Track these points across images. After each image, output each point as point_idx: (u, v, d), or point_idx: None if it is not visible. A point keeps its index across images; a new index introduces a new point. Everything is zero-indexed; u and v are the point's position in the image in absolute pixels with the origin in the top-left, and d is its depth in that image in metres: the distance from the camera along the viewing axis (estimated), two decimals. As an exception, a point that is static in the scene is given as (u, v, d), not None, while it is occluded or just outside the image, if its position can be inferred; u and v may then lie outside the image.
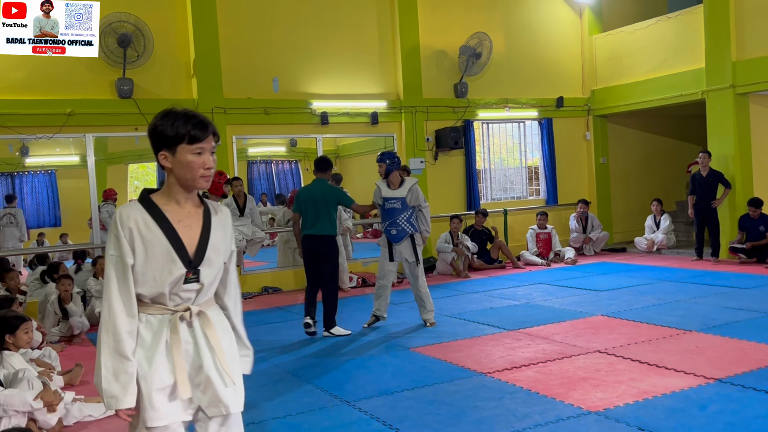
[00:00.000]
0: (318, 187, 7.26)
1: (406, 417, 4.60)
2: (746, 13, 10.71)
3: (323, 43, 11.25)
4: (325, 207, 7.13)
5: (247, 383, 5.72)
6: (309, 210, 7.15)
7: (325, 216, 7.13)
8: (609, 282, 9.71)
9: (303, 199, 7.25)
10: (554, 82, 13.37)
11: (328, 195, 7.20)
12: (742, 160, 11.07)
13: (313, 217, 7.12)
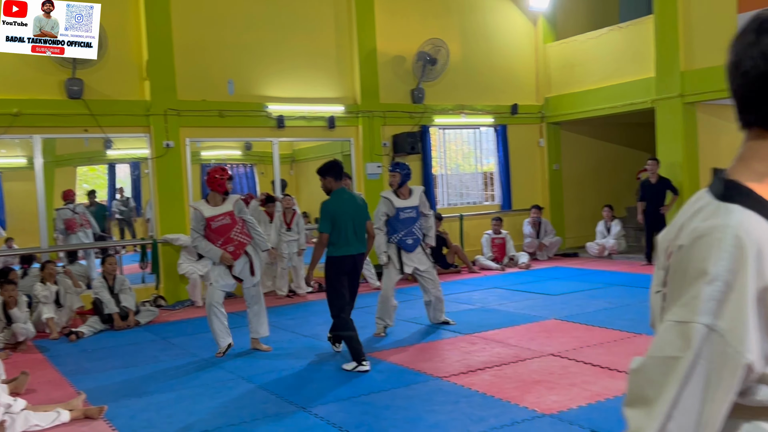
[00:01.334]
0: (349, 199, 6.32)
1: (362, 422, 4.59)
2: (694, 25, 10.98)
3: (280, 45, 11.18)
4: (361, 221, 6.26)
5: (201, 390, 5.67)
6: (347, 226, 6.09)
7: (362, 231, 6.27)
8: (562, 286, 9.84)
9: (338, 214, 6.11)
10: (509, 89, 13.52)
11: (363, 207, 6.38)
12: (690, 168, 11.33)
13: (350, 233, 6.12)
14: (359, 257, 6.28)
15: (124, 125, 10.09)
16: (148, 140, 10.23)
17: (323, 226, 6.10)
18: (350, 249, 6.10)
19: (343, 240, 6.07)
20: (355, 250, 6.15)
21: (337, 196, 6.20)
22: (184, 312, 9.52)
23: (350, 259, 6.14)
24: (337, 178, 6.25)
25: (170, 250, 10.18)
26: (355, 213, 6.18)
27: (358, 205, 6.29)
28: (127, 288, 8.78)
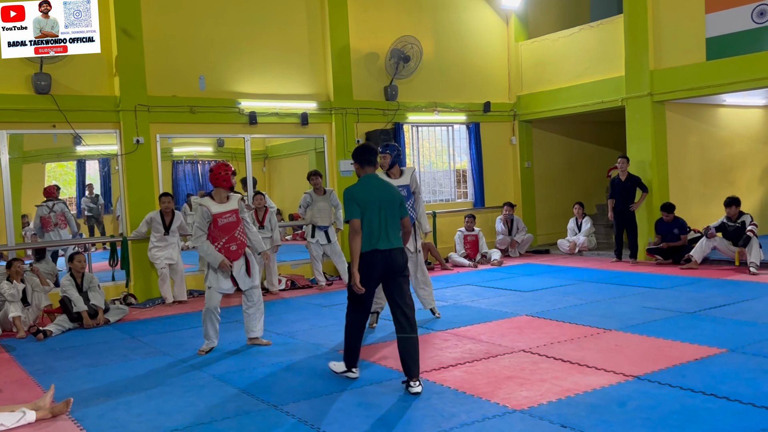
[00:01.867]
0: (381, 185, 5.41)
1: (334, 419, 4.57)
2: (663, 25, 11.13)
3: (252, 41, 11.10)
4: (392, 212, 5.34)
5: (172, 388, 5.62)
6: (372, 216, 5.23)
7: (392, 223, 5.33)
8: (533, 283, 9.91)
9: (364, 202, 5.25)
10: (482, 87, 13.59)
11: (396, 194, 5.47)
12: (659, 165, 11.49)
13: (382, 225, 5.25)
14: (393, 253, 5.23)
15: (93, 121, 9.94)
16: (118, 136, 10.10)
17: (349, 213, 5.20)
18: (379, 243, 5.19)
19: (368, 233, 5.19)
20: (384, 245, 5.20)
21: (363, 182, 5.39)
22: (154, 310, 9.41)
23: (379, 256, 5.18)
24: (363, 164, 5.44)
25: (141, 247, 10.07)
26: (381, 203, 5.26)
27: (387, 194, 5.35)
28: (96, 286, 8.66)
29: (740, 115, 13.05)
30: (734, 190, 11.76)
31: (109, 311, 8.67)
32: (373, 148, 5.55)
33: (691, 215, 11.41)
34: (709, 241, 10.28)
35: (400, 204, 5.38)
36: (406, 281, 5.35)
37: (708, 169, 12.38)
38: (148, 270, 10.13)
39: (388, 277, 5.25)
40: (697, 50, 10.69)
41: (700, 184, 12.20)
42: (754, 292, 8.33)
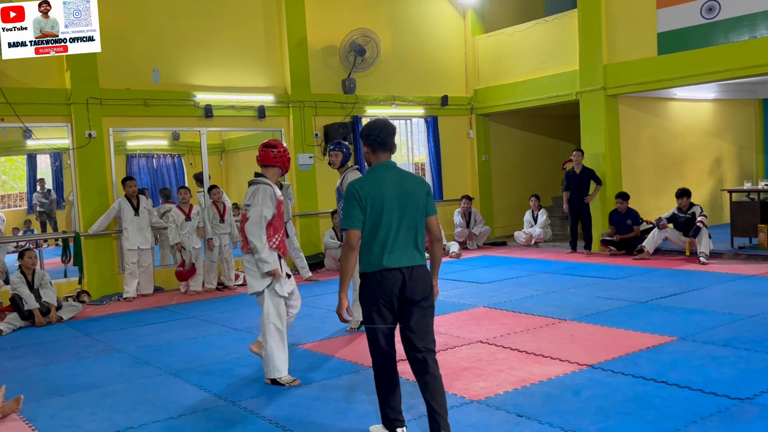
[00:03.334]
0: (394, 179, 3.79)
1: (292, 414, 4.55)
2: (616, 20, 11.29)
3: (207, 33, 10.94)
4: (414, 214, 3.77)
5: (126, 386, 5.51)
6: (387, 220, 3.70)
7: (412, 229, 3.77)
8: (490, 275, 10.00)
9: (374, 199, 3.71)
10: (439, 80, 13.64)
11: (418, 192, 3.82)
12: (612, 158, 11.68)
13: (402, 232, 3.72)
14: (414, 272, 3.72)
15: (44, 114, 9.70)
16: (69, 130, 9.88)
17: (346, 219, 3.73)
18: (393, 259, 3.69)
19: (380, 244, 3.71)
20: (404, 261, 3.70)
21: (373, 172, 3.84)
22: (109, 307, 9.24)
23: (396, 276, 3.69)
24: (374, 146, 3.86)
25: (94, 243, 9.88)
26: (402, 200, 3.74)
27: (411, 187, 3.80)
28: (48, 282, 8.47)
29: (691, 109, 13.34)
30: (685, 181, 12.03)
31: (62, 308, 8.49)
32: (392, 126, 3.93)
33: (643, 206, 11.64)
34: (660, 232, 10.49)
35: (426, 201, 3.84)
36: (429, 317, 3.82)
37: (660, 161, 12.63)
38: (103, 266, 9.95)
39: (402, 306, 3.75)
40: (648, 45, 10.88)
41: (652, 176, 12.44)
42: (704, 281, 8.53)
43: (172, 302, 9.31)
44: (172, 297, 9.71)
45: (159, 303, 9.32)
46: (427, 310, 3.78)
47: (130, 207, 9.70)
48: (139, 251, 9.73)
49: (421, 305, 3.74)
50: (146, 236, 9.82)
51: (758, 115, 14.76)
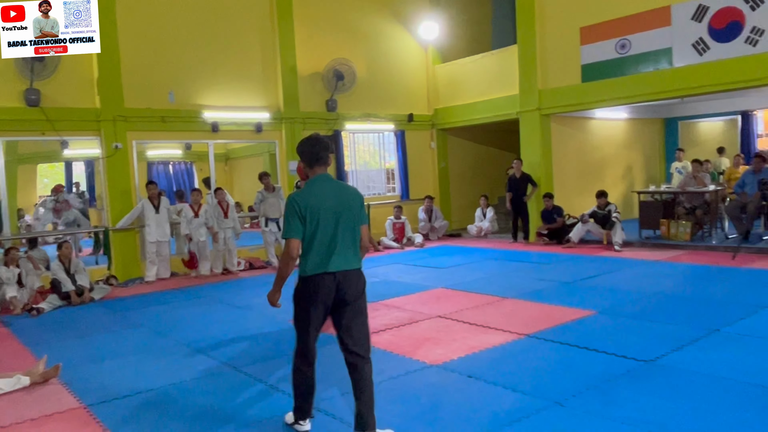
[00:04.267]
0: (331, 190, 3.45)
1: (283, 378, 4.53)
2: (548, 54, 11.39)
3: (214, 61, 10.82)
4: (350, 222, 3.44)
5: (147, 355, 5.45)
6: (324, 228, 3.36)
7: (350, 236, 3.44)
8: (448, 261, 10.02)
9: (311, 210, 3.36)
10: (406, 101, 13.63)
11: (353, 202, 3.48)
12: (545, 165, 11.78)
13: (329, 239, 3.37)
14: (348, 275, 3.40)
15: (78, 129, 9.53)
16: (99, 142, 9.72)
17: (287, 229, 3.37)
18: (330, 264, 3.36)
19: (316, 250, 3.37)
20: (340, 266, 3.37)
21: (311, 185, 3.46)
22: (133, 289, 9.14)
23: (331, 280, 3.36)
24: (310, 161, 3.50)
25: (121, 235, 9.75)
26: (338, 210, 3.40)
27: (344, 199, 3.45)
28: (82, 269, 8.34)
29: (608, 126, 13.52)
30: (603, 184, 12.19)
31: (94, 290, 8.37)
32: (325, 141, 3.57)
33: (570, 204, 11.78)
34: (584, 226, 10.63)
35: (360, 211, 3.51)
36: (360, 315, 3.47)
37: (583, 168, 12.77)
38: (128, 255, 9.84)
39: (336, 307, 3.43)
40: (574, 74, 10.99)
41: (577, 179, 12.58)
42: (618, 265, 8.65)
43: (185, 285, 9.23)
44: (186, 281, 9.63)
45: (175, 285, 9.24)
46: (359, 310, 3.44)
47: (151, 206, 9.58)
48: (158, 243, 9.62)
49: (353, 305, 3.41)
50: (165, 230, 9.70)
51: (661, 131, 15.01)
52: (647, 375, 4.18)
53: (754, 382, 3.93)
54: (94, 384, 4.68)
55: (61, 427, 3.88)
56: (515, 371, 4.41)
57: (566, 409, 3.68)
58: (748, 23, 8.80)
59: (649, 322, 5.52)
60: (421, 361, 4.76)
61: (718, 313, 5.67)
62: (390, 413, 3.73)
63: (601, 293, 6.86)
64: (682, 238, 10.08)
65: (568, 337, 5.14)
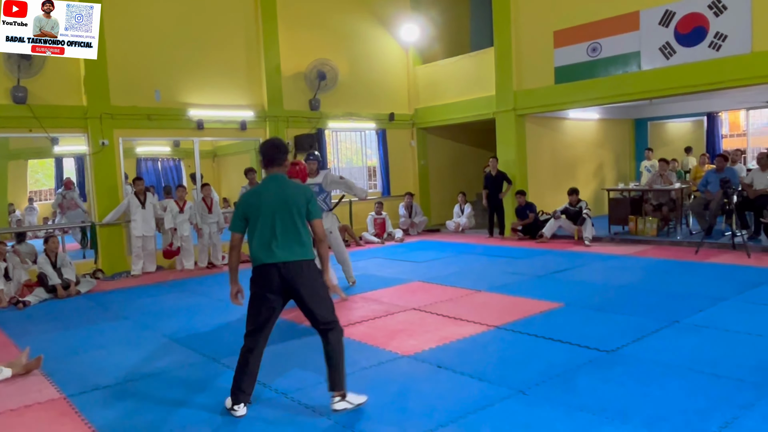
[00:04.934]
0: (276, 189, 3.67)
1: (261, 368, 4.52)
2: (523, 56, 11.41)
3: (200, 60, 10.72)
4: (288, 217, 3.63)
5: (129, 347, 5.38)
6: (263, 222, 3.61)
7: (291, 230, 3.62)
8: (426, 255, 10.01)
9: (252, 207, 3.65)
10: (387, 101, 13.60)
11: (295, 199, 3.65)
12: (520, 164, 11.82)
13: (277, 234, 3.59)
14: (290, 267, 3.57)
15: (65, 126, 9.39)
16: (86, 139, 9.59)
17: (232, 224, 3.73)
18: (270, 255, 3.57)
19: (259, 243, 3.60)
20: (281, 257, 3.56)
21: (261, 184, 3.77)
22: (119, 282, 9.04)
23: (273, 270, 3.57)
24: (264, 162, 3.77)
25: (107, 230, 9.65)
26: (280, 206, 3.60)
27: (287, 196, 3.63)
28: (68, 262, 8.25)
29: (580, 126, 13.61)
30: (575, 182, 12.28)
31: (80, 283, 8.28)
32: (283, 145, 3.80)
33: (543, 201, 11.85)
34: (556, 221, 10.70)
35: (307, 207, 3.65)
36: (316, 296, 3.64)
37: (556, 166, 12.85)
38: (114, 249, 9.73)
39: (291, 294, 3.63)
40: (548, 76, 11.03)
41: (551, 177, 12.64)
42: (587, 260, 8.71)
43: (171, 278, 9.16)
44: (171, 274, 9.55)
45: (160, 279, 9.16)
46: (313, 292, 3.61)
47: (137, 201, 9.47)
48: (144, 237, 9.53)
49: (306, 290, 3.59)
50: (151, 225, 9.59)
51: (631, 131, 15.15)
52: (608, 364, 4.22)
53: (709, 371, 3.99)
54: (76, 375, 4.63)
55: (41, 417, 3.84)
56: (482, 361, 4.43)
57: (529, 397, 3.70)
58: (712, 29, 8.90)
59: (613, 313, 5.57)
60: (393, 351, 4.77)
61: (680, 305, 5.74)
62: (360, 402, 3.73)
63: (569, 286, 6.90)
64: (649, 234, 10.19)
65: (535, 329, 5.17)
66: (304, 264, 3.61)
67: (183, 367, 4.69)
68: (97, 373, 4.65)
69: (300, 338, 5.33)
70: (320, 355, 3.69)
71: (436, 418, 3.47)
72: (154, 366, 4.75)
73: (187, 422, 3.61)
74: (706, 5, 8.93)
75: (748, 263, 7.75)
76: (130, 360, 4.95)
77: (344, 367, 3.67)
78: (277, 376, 4.33)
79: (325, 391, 3.70)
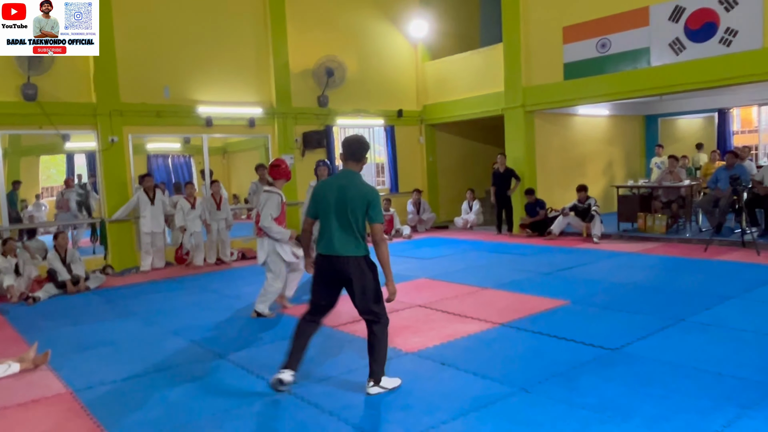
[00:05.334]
0: (342, 185, 3.83)
1: (267, 365, 4.54)
2: (532, 52, 11.37)
3: (209, 58, 10.77)
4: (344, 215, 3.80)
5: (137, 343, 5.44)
6: (325, 217, 3.85)
7: (348, 227, 3.80)
8: (433, 252, 10.01)
9: (321, 197, 3.88)
10: (396, 97, 13.60)
11: (352, 198, 3.79)
12: (529, 161, 11.79)
13: (331, 228, 3.82)
14: (341, 262, 3.81)
15: (74, 123, 9.48)
16: (96, 135, 9.68)
17: (307, 205, 4.09)
18: (326, 248, 3.83)
19: (320, 234, 3.89)
20: (333, 251, 3.80)
21: (330, 179, 4.00)
22: (129, 278, 9.13)
23: (326, 261, 3.85)
24: (343, 156, 3.94)
25: (118, 226, 9.74)
26: (339, 203, 3.79)
27: (345, 195, 3.78)
28: (78, 259, 8.33)
29: (589, 123, 13.53)
30: (585, 179, 12.20)
31: (89, 279, 8.36)
32: (363, 142, 3.92)
33: (552, 198, 11.81)
34: (565, 218, 10.66)
35: (362, 209, 3.78)
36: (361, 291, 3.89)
37: (565, 163, 12.80)
38: (124, 245, 9.82)
39: (342, 284, 3.92)
40: (557, 72, 10.98)
41: (560, 174, 12.60)
42: (596, 257, 8.68)
43: (179, 275, 9.23)
44: (180, 270, 9.62)
45: (169, 275, 9.23)
46: (362, 290, 3.88)
47: (147, 198, 9.53)
48: (153, 234, 9.60)
49: (355, 286, 3.88)
50: (160, 222, 9.67)
51: (642, 127, 15.04)
52: (612, 363, 4.20)
53: (713, 370, 3.96)
54: (83, 370, 4.68)
55: (47, 411, 3.89)
56: (486, 359, 4.43)
57: (532, 395, 3.70)
58: (723, 24, 8.80)
59: (619, 311, 5.55)
60: (397, 348, 4.77)
61: (686, 303, 5.70)
62: (363, 398, 3.76)
63: (576, 284, 6.87)
64: (658, 231, 10.11)
65: (540, 326, 5.16)
66: (358, 260, 3.83)
67: (190, 363, 4.72)
68: (104, 368, 4.70)
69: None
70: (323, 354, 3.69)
71: (438, 415, 3.48)
72: (160, 362, 4.78)
73: (194, 418, 3.64)
74: (717, 0, 8.83)
75: (758, 261, 7.67)
76: (138, 356, 5.00)
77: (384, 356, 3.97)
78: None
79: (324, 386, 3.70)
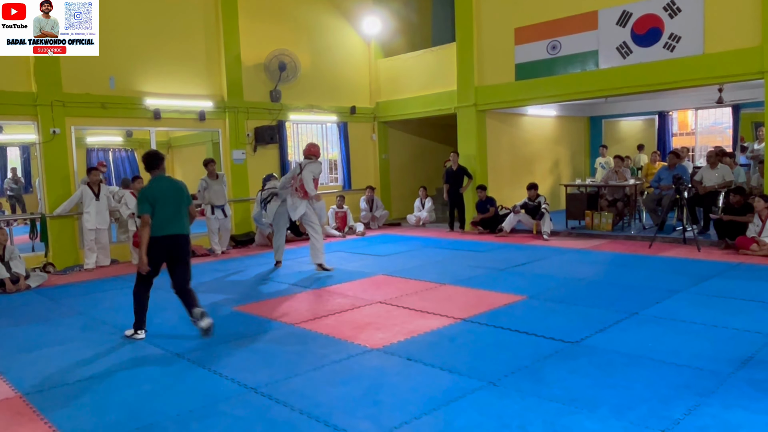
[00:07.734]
0: (170, 182, 5.28)
1: (227, 364, 4.44)
2: (484, 52, 11.55)
3: (157, 47, 10.39)
4: (181, 203, 5.23)
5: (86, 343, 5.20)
6: (166, 208, 5.11)
7: (183, 213, 5.24)
8: (388, 249, 10.05)
9: (156, 197, 5.08)
10: (349, 94, 13.54)
11: (180, 190, 5.29)
12: (480, 159, 11.98)
13: (170, 214, 5.12)
14: (178, 238, 5.16)
15: (13, 113, 8.96)
16: (36, 127, 9.18)
17: (141, 207, 5.04)
18: (166, 229, 5.08)
19: (160, 221, 5.06)
20: (173, 231, 5.12)
21: (154, 182, 5.20)
22: (72, 276, 8.71)
23: (166, 240, 5.09)
24: (147, 168, 5.27)
25: (58, 222, 9.26)
26: (173, 195, 5.16)
27: (176, 189, 5.23)
28: (17, 256, 7.89)
29: (538, 123, 13.87)
30: (533, 177, 12.52)
31: (30, 278, 7.94)
32: (160, 155, 5.34)
33: (503, 196, 12.04)
34: (515, 216, 10.88)
35: (186, 197, 5.24)
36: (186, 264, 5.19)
37: (515, 161, 13.08)
38: (66, 241, 9.36)
39: (172, 259, 5.15)
40: (508, 73, 11.19)
41: (510, 172, 12.87)
42: (547, 253, 8.90)
43: (125, 273, 8.87)
44: (125, 268, 9.26)
45: (114, 273, 8.87)
46: (185, 263, 5.20)
47: (91, 193, 9.14)
48: (97, 231, 9.20)
49: (180, 259, 5.17)
50: (105, 218, 9.29)
51: (587, 128, 15.55)
52: (573, 355, 4.31)
53: (670, 360, 4.13)
54: (30, 372, 4.43)
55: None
56: (452, 353, 4.47)
57: (500, 388, 3.75)
58: (667, 30, 9.20)
59: (575, 305, 5.70)
60: (362, 345, 4.75)
61: (637, 297, 5.92)
62: (332, 395, 3.71)
63: (530, 279, 7.02)
64: (605, 228, 10.47)
65: (501, 321, 5.24)
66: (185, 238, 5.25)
67: (147, 363, 4.55)
68: (53, 370, 4.46)
69: (267, 333, 5.25)
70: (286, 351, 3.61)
71: (410, 410, 3.47)
72: (111, 362, 4.58)
73: (157, 419, 3.50)
74: (662, 7, 9.22)
75: (699, 257, 8.06)
76: (87, 356, 4.77)
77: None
78: (245, 372, 4.24)
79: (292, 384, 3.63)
